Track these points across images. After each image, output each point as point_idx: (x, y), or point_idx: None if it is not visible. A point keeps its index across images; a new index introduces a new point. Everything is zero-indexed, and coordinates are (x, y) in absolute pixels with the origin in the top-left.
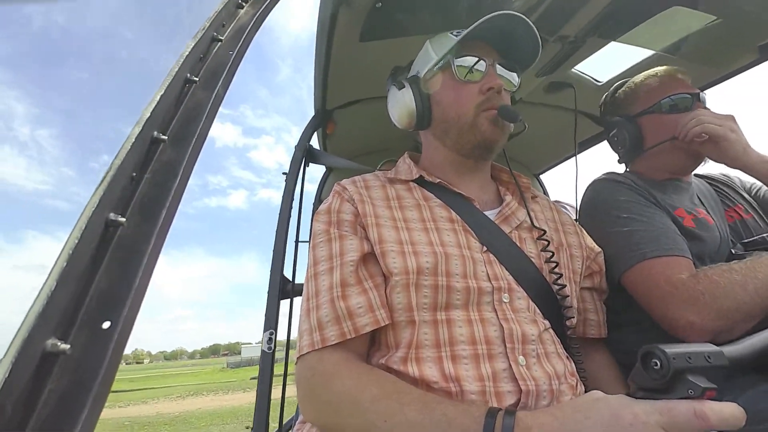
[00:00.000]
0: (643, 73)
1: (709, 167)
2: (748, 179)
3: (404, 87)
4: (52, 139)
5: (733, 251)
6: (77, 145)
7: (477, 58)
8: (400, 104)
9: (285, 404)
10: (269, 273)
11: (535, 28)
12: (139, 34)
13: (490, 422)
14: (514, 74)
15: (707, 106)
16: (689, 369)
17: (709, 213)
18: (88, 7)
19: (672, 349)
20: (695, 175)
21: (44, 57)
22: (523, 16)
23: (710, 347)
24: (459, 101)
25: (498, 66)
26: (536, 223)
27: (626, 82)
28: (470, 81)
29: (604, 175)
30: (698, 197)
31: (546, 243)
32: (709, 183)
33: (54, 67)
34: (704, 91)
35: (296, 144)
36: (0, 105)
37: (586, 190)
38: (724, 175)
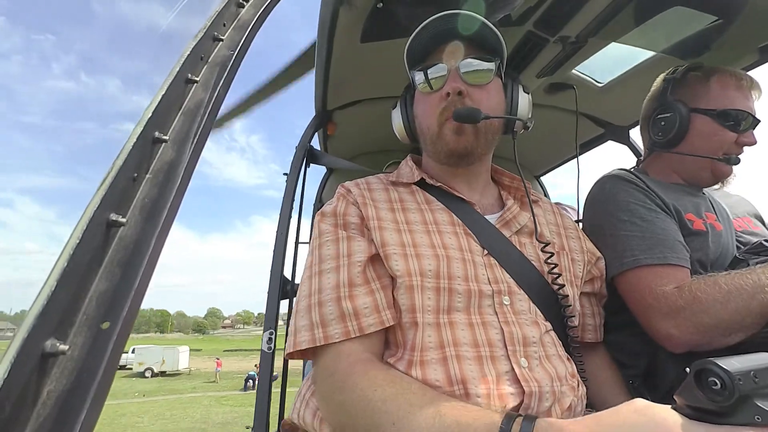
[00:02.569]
0: (721, 67)
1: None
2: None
3: (396, 107)
4: (260, 143)
5: (737, 255)
6: (279, 145)
7: (435, 64)
8: (395, 123)
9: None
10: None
11: (473, 15)
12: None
13: (506, 428)
14: (488, 63)
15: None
16: (756, 391)
17: (718, 220)
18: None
19: (732, 365)
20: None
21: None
22: (458, 11)
23: None
24: (425, 113)
25: (465, 62)
26: (538, 228)
27: (698, 67)
28: (434, 90)
29: (614, 171)
30: (710, 204)
31: (550, 254)
32: (720, 196)
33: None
34: None
35: (297, 144)
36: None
37: (595, 185)
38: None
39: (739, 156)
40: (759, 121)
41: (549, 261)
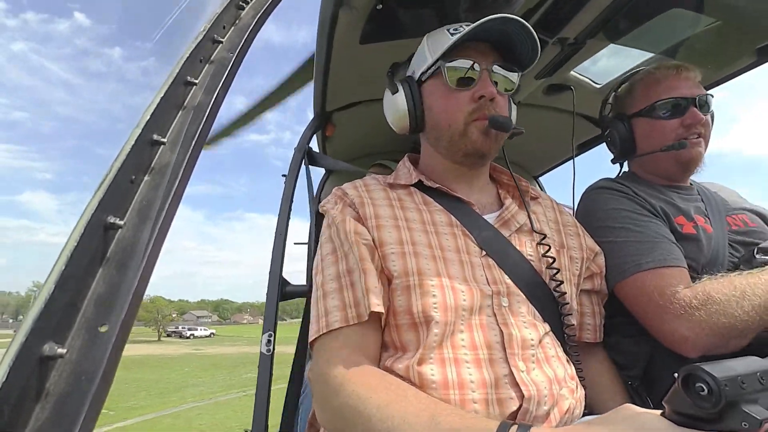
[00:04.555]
0: (644, 69)
1: (708, 176)
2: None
3: (398, 91)
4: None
5: (753, 253)
6: None
7: (470, 62)
8: (394, 108)
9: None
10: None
11: (531, 29)
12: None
13: None
14: (514, 74)
15: (709, 106)
16: (743, 397)
17: (709, 221)
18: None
19: (719, 370)
20: (702, 184)
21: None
22: (519, 18)
23: (760, 364)
24: (450, 109)
25: (496, 67)
26: (537, 226)
27: (631, 76)
28: (462, 88)
29: (599, 182)
30: (701, 205)
31: (547, 248)
32: (715, 192)
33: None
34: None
35: (296, 146)
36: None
37: (581, 198)
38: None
39: (693, 137)
40: (695, 96)
41: (548, 259)
